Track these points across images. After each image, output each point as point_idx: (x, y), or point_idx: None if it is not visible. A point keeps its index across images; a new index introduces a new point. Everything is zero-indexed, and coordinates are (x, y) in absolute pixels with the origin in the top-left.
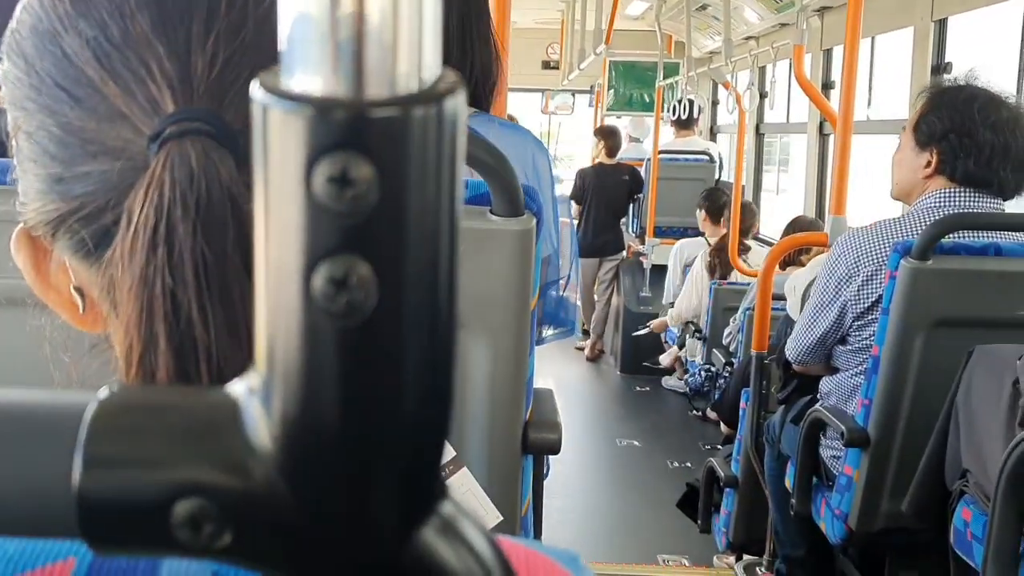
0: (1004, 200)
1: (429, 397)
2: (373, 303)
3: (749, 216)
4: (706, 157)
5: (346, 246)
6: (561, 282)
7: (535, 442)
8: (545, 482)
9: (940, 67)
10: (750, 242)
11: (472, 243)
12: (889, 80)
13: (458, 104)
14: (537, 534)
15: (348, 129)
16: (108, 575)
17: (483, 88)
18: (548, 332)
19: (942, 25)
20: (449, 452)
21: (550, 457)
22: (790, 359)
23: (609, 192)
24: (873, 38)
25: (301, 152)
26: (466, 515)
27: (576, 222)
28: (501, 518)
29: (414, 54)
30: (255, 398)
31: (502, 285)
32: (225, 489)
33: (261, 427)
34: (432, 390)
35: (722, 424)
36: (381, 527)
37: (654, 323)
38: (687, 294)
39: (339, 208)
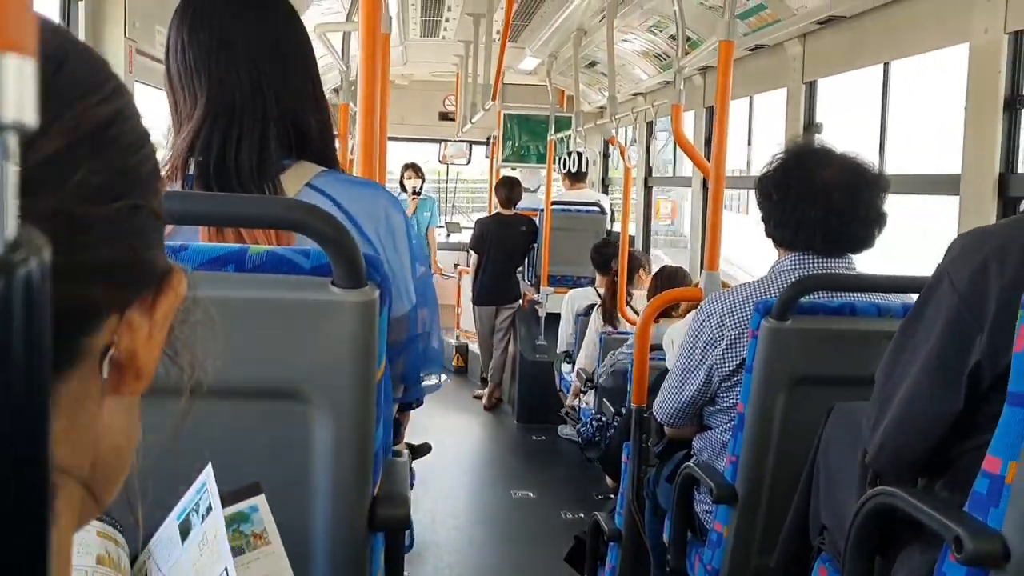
0: (854, 254)
1: None
2: None
3: (635, 264)
4: (597, 208)
5: None
6: (421, 337)
7: (383, 518)
8: (437, 540)
9: (811, 125)
10: (634, 290)
11: (312, 316)
12: (769, 136)
13: (32, 274)
14: None
15: None
16: None
17: (323, 144)
18: (428, 381)
19: (812, 87)
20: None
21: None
22: (660, 421)
23: (507, 242)
24: (751, 97)
25: None
26: None
27: (474, 271)
28: None
29: None
30: None
31: (345, 358)
32: None
33: None
34: None
35: (607, 477)
36: None
37: (572, 393)
38: (587, 347)
39: None
